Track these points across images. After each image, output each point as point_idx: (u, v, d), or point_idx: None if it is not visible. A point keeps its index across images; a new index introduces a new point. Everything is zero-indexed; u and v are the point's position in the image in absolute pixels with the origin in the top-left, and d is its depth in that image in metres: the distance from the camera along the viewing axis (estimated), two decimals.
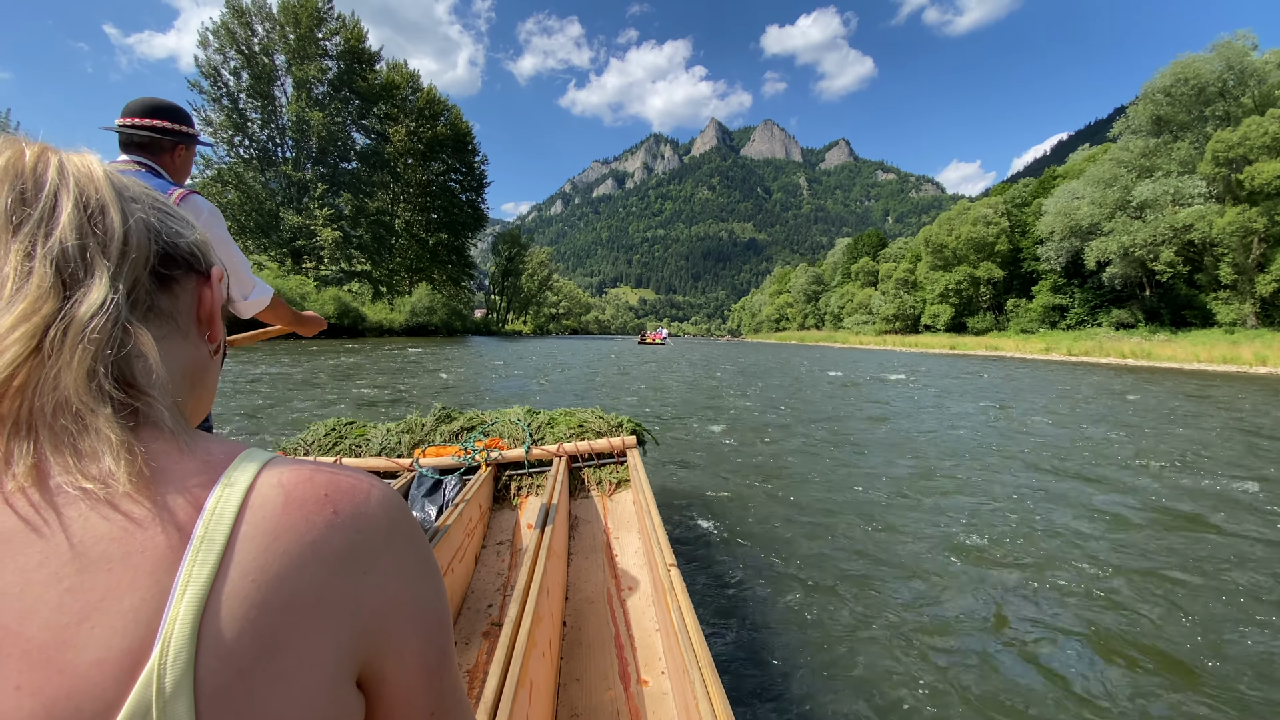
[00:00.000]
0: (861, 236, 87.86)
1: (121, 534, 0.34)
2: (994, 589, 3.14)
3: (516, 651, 1.28)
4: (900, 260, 72.46)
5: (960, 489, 5.08)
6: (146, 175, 1.54)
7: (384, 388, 12.07)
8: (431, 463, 3.06)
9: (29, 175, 0.38)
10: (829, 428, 8.32)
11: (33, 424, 0.35)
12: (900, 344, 54.84)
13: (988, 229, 55.57)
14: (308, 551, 0.37)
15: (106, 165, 0.43)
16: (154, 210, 0.45)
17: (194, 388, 0.49)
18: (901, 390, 13.93)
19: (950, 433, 7.99)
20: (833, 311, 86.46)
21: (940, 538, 3.86)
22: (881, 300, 70.05)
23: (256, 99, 48.54)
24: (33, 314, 0.35)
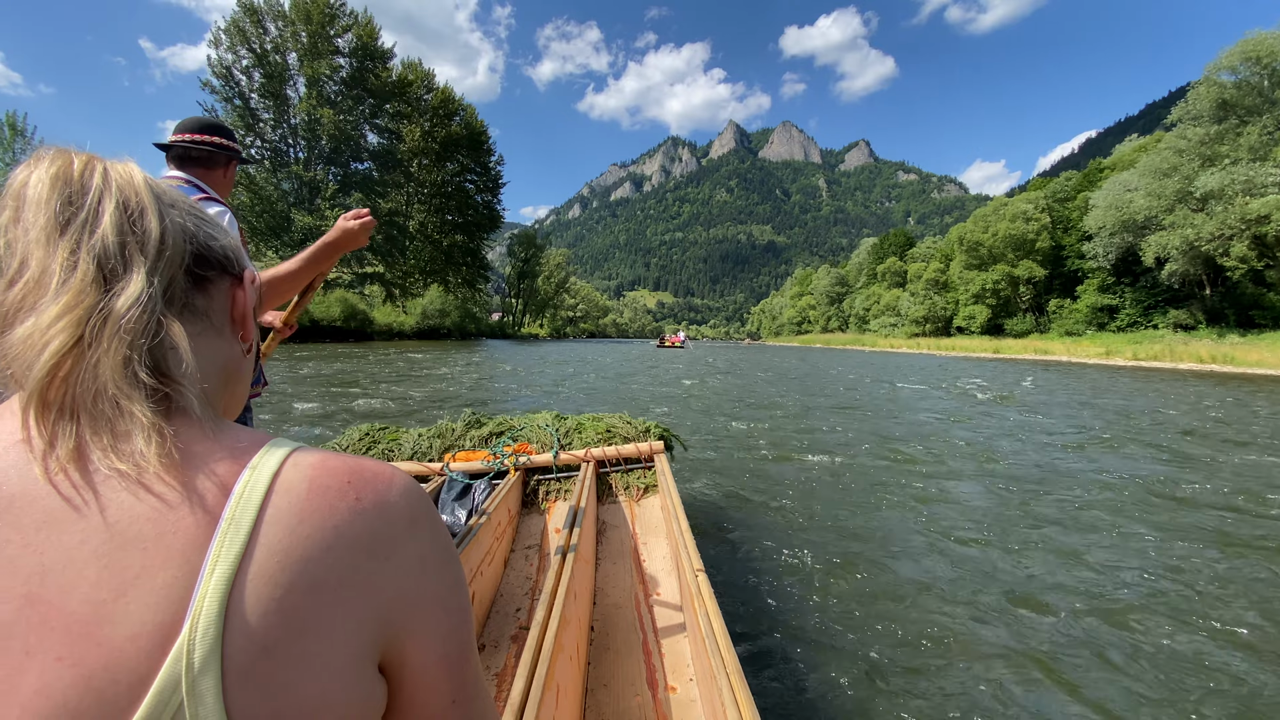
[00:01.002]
0: (887, 236, 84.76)
1: (154, 514, 0.36)
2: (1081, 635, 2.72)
3: (543, 654, 1.28)
4: (930, 260, 69.37)
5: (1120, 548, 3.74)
6: (190, 190, 1.62)
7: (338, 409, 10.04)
8: (461, 467, 3.12)
9: (76, 181, 0.41)
10: (891, 442, 7.35)
11: (75, 409, 0.37)
12: (935, 347, 51.87)
13: (1027, 225, 52.53)
14: (331, 536, 0.38)
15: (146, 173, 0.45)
16: (189, 215, 0.47)
17: (228, 383, 0.51)
18: (979, 405, 11.58)
19: (1095, 471, 5.73)
20: (857, 313, 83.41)
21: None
22: (911, 302, 66.99)
23: (268, 98, 47.47)
24: (76, 305, 0.37)
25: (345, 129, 50.10)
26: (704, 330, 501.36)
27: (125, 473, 0.36)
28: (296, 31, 47.09)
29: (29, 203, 0.40)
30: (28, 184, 0.40)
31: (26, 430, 0.37)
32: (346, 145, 51.28)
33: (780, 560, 3.49)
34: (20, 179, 0.41)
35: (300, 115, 48.06)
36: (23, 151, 37.86)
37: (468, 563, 2.03)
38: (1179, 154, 37.19)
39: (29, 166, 0.41)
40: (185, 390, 0.41)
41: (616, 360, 28.44)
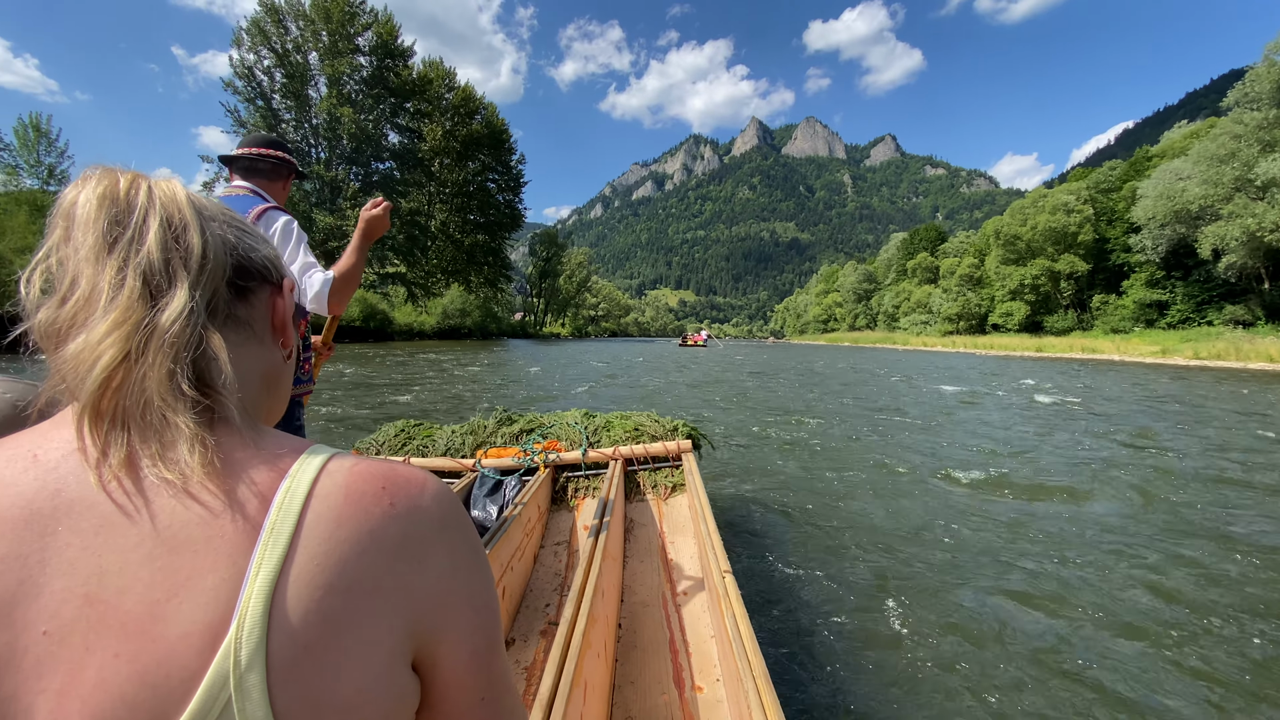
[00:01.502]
0: (918, 231, 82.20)
1: (201, 520, 0.38)
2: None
3: (571, 651, 1.31)
4: (963, 255, 66.94)
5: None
6: (253, 199, 1.77)
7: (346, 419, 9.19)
8: (493, 463, 3.18)
9: (122, 200, 0.43)
10: (944, 451, 6.79)
11: (125, 420, 0.39)
12: (972, 345, 49.72)
13: (1069, 218, 50.14)
14: (366, 539, 0.40)
15: (189, 188, 0.47)
16: (231, 227, 0.49)
17: (270, 390, 0.53)
18: (1044, 411, 10.27)
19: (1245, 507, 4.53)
20: (886, 311, 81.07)
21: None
22: (943, 298, 64.70)
23: (290, 98, 47.52)
24: (124, 321, 0.40)
25: (366, 128, 49.97)
26: (726, 329, 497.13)
27: (172, 481, 0.38)
28: (317, 30, 47.02)
29: (78, 222, 0.41)
30: (76, 203, 0.42)
31: (81, 440, 0.39)
32: (368, 145, 51.16)
33: (814, 569, 3.36)
34: (69, 198, 0.42)
35: (321, 115, 48.00)
36: (46, 153, 38.48)
37: (498, 558, 2.05)
38: (1236, 139, 34.84)
39: (78, 186, 0.43)
40: (226, 401, 0.42)
41: (638, 360, 27.44)
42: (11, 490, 0.38)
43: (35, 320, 0.41)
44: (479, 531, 3.03)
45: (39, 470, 0.39)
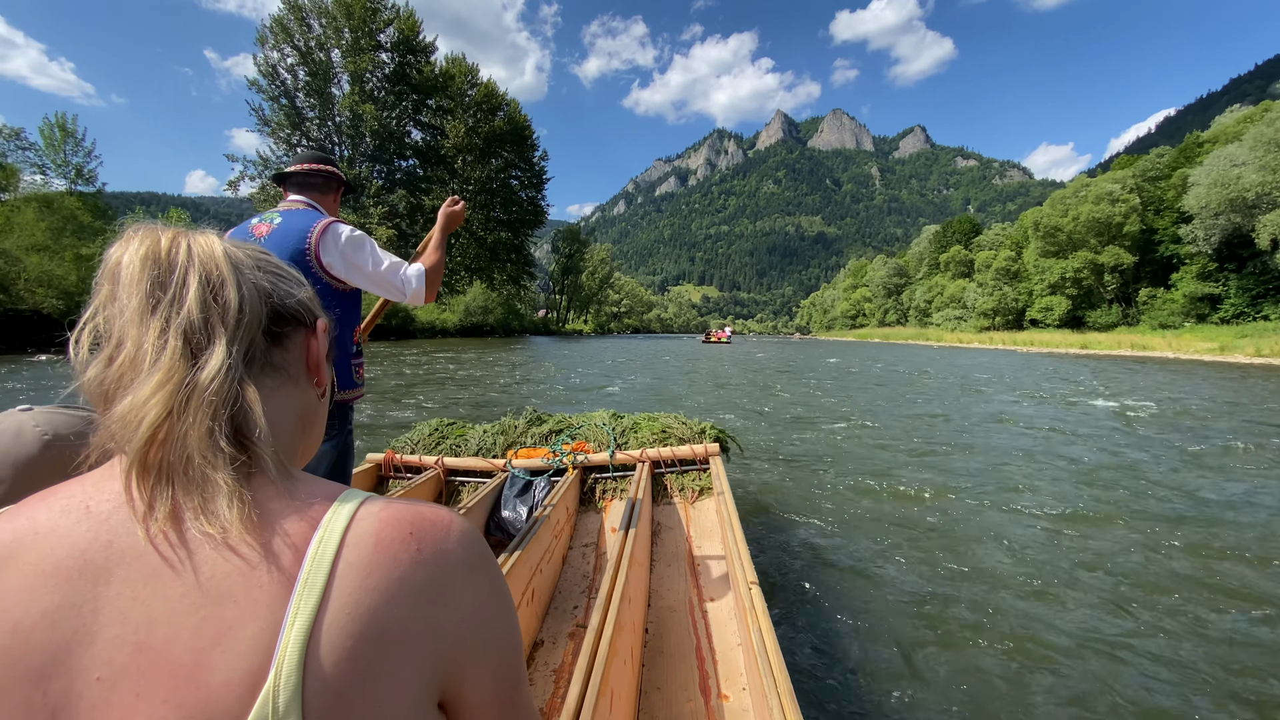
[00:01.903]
0: (951, 223, 79.60)
1: (240, 572, 0.40)
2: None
3: (598, 661, 1.32)
4: (999, 248, 64.54)
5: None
6: (301, 214, 1.85)
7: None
8: (523, 464, 3.23)
9: (164, 260, 0.45)
10: (1000, 461, 6.19)
11: (170, 474, 0.41)
12: (1010, 342, 47.70)
13: (1113, 207, 47.73)
14: (395, 586, 0.41)
15: (227, 240, 0.50)
16: (267, 274, 0.52)
17: (305, 430, 0.56)
18: (1110, 420, 9.19)
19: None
20: (918, 306, 78.76)
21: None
22: (978, 293, 62.44)
23: (313, 96, 47.62)
24: (167, 381, 0.42)
25: (388, 125, 49.91)
26: (750, 325, 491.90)
27: (213, 535, 0.40)
28: (339, 27, 47.00)
29: (123, 284, 0.44)
30: (120, 265, 0.45)
31: (129, 493, 0.42)
32: (390, 142, 51.12)
33: (845, 584, 3.26)
34: (114, 259, 0.45)
35: (344, 113, 48.05)
36: (74, 153, 39.09)
37: (527, 561, 2.04)
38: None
39: (122, 246, 0.45)
40: (261, 452, 0.45)
41: (662, 358, 26.63)
42: (66, 541, 0.40)
43: (85, 379, 0.44)
44: (509, 532, 2.82)
45: (91, 522, 0.41)
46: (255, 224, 1.84)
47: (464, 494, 3.37)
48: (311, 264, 1.78)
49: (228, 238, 1.96)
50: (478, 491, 2.98)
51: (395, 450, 3.54)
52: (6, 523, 0.42)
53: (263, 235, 1.80)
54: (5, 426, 0.75)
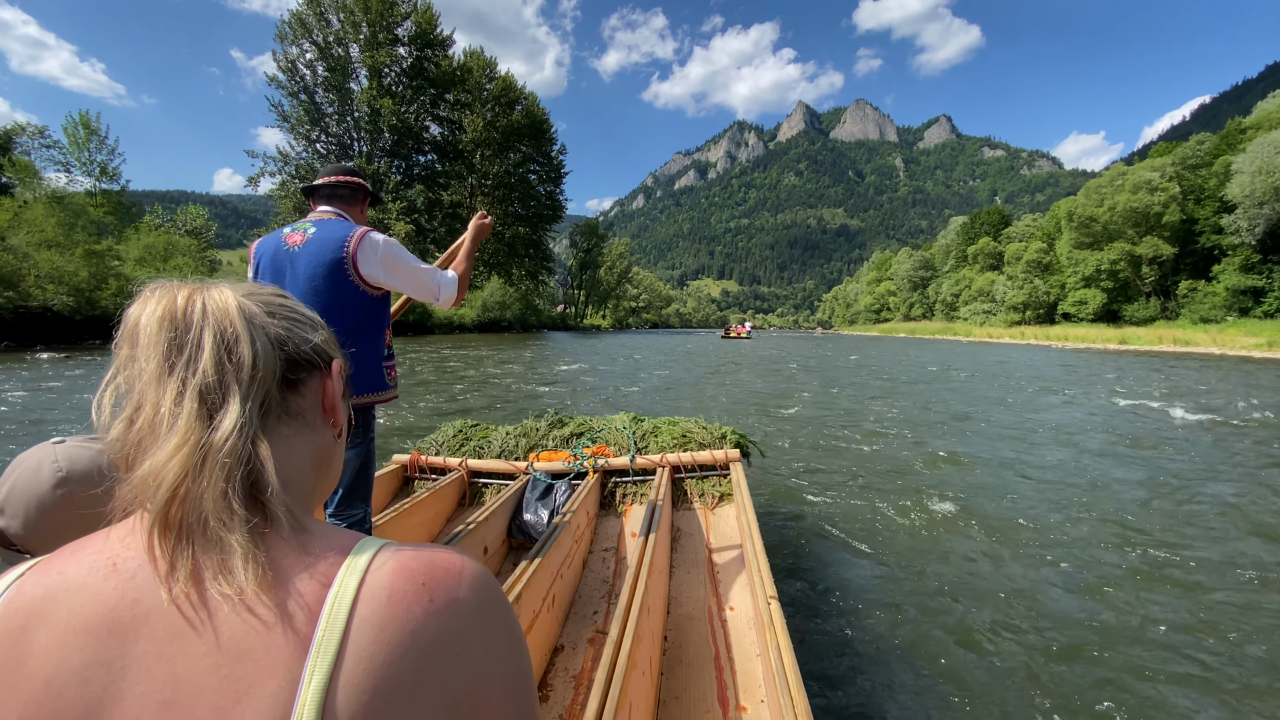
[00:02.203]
0: (979, 214, 77.25)
1: (258, 631, 0.41)
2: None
3: (617, 672, 1.33)
4: (1030, 239, 62.45)
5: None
6: (335, 224, 1.91)
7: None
8: (545, 467, 3.26)
9: (181, 320, 0.46)
10: (1049, 476, 5.36)
11: (189, 534, 0.43)
12: (1043, 337, 45.95)
13: (1152, 197, 45.73)
14: (408, 640, 0.42)
15: (241, 293, 0.51)
16: (282, 322, 0.52)
17: (322, 471, 0.57)
18: (1176, 429, 8.32)
19: None
20: (944, 300, 76.68)
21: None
22: (1008, 286, 60.50)
23: (332, 92, 47.69)
24: (184, 444, 0.43)
25: (407, 120, 49.80)
26: (771, 319, 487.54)
27: (230, 596, 0.41)
28: (357, 22, 46.92)
29: (141, 346, 0.46)
30: (139, 327, 0.46)
31: (152, 553, 0.43)
32: (409, 137, 51.04)
33: (868, 602, 3.10)
34: (133, 320, 0.47)
35: (362, 108, 48.02)
36: (97, 150, 39.44)
37: (548, 566, 2.07)
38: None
39: (141, 305, 0.47)
40: (274, 510, 0.45)
41: (681, 351, 25.97)
42: (95, 599, 0.42)
43: (109, 440, 0.46)
44: (531, 535, 2.84)
45: (119, 579, 0.43)
46: (288, 233, 1.90)
47: (487, 496, 3.39)
48: (349, 272, 1.84)
49: (258, 246, 1.95)
50: (500, 494, 3.01)
51: (421, 451, 3.63)
52: (38, 577, 0.44)
53: (297, 244, 1.86)
54: (29, 463, 0.78)
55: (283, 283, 1.85)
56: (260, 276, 1.90)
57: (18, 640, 0.41)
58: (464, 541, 2.42)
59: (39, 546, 0.78)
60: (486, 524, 2.67)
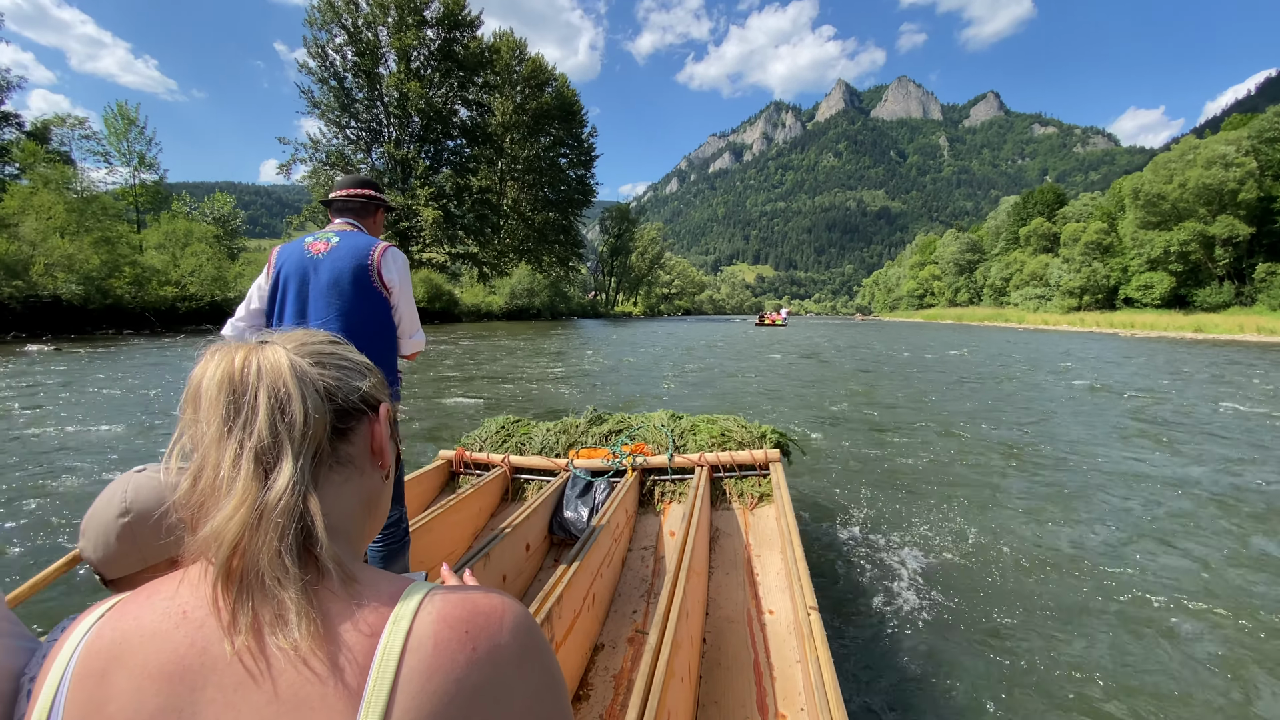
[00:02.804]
0: (1032, 194, 72.92)
1: (313, 683, 0.44)
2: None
3: (656, 680, 1.35)
4: (1088, 219, 58.52)
5: None
6: (357, 235, 2.01)
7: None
8: (584, 464, 3.30)
9: (239, 381, 0.50)
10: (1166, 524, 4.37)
11: (249, 589, 0.46)
12: (1107, 324, 42.84)
13: (1227, 172, 42.03)
14: (453, 689, 0.44)
15: (291, 349, 0.54)
16: (331, 370, 0.55)
17: (370, 512, 0.60)
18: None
19: None
20: (993, 284, 72.96)
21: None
22: (1064, 269, 56.92)
23: (361, 77, 47.27)
24: (241, 505, 0.47)
25: (434, 104, 49.19)
26: (807, 305, 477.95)
27: (287, 650, 0.44)
28: (385, 4, 46.28)
29: (203, 408, 0.50)
30: (201, 390, 0.50)
31: (215, 605, 0.46)
32: (437, 121, 50.43)
33: (914, 616, 2.95)
34: (195, 382, 0.51)
35: (390, 92, 47.54)
36: (137, 140, 39.85)
37: (588, 566, 2.09)
38: None
39: (204, 365, 0.52)
40: (325, 564, 0.48)
41: (715, 341, 24.67)
42: (168, 646, 0.45)
43: (177, 494, 0.50)
44: (571, 532, 2.91)
45: (189, 628, 0.46)
46: (311, 242, 1.96)
47: (529, 492, 3.46)
48: (373, 278, 1.93)
49: (279, 253, 2.04)
50: (542, 491, 3.04)
51: (465, 447, 3.70)
52: (116, 621, 0.48)
53: (320, 252, 1.93)
54: (109, 491, 0.87)
55: (306, 288, 1.93)
56: (284, 283, 1.95)
57: (100, 683, 0.45)
58: (507, 539, 2.42)
59: (109, 569, 0.87)
60: (528, 521, 2.69)
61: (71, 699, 0.46)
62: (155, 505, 0.85)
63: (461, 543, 2.96)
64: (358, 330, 1.93)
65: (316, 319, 1.91)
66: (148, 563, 0.88)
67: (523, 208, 63.48)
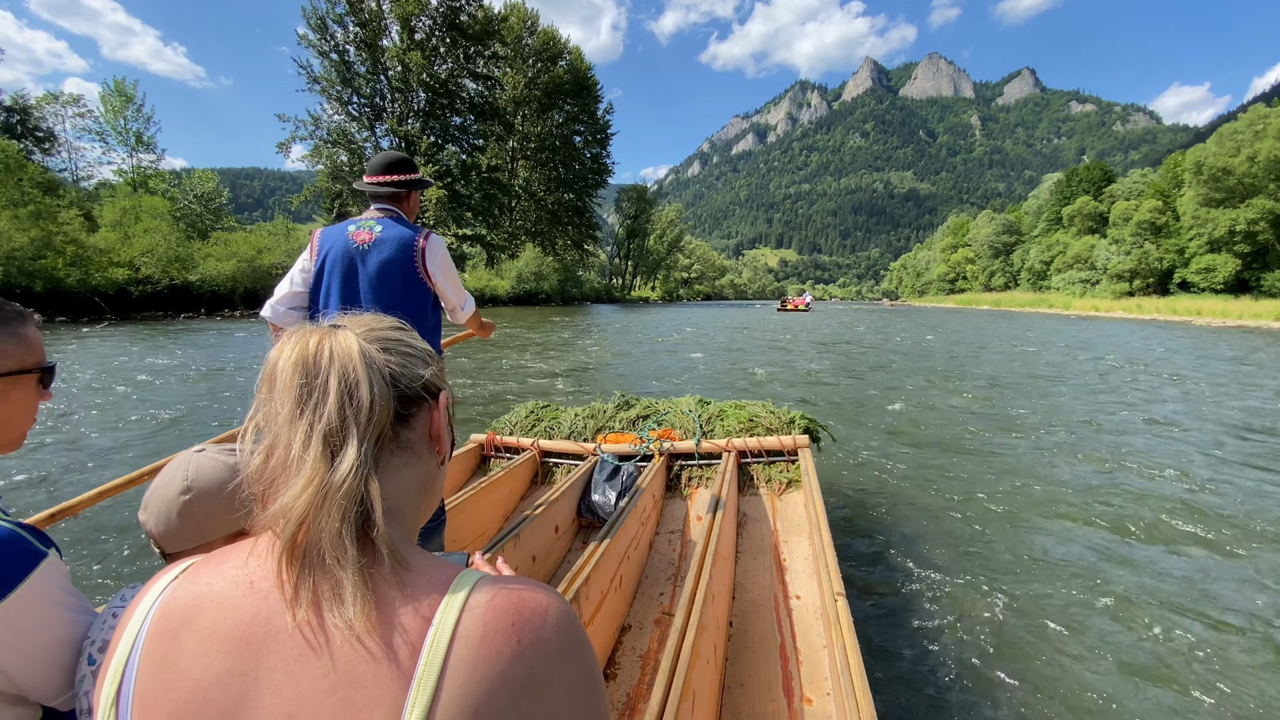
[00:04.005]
0: (1076, 170, 68.04)
1: (368, 661, 0.46)
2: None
3: (681, 662, 1.37)
4: (1141, 198, 54.08)
5: None
6: (394, 221, 2.05)
7: None
8: (612, 449, 3.34)
9: (312, 364, 0.52)
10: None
11: (311, 565, 0.48)
12: (1168, 311, 38.84)
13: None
14: (498, 680, 0.46)
15: (361, 334, 0.57)
16: (397, 358, 0.58)
17: (425, 496, 0.62)
18: None
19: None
20: (1032, 267, 68.57)
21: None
22: (1112, 251, 52.74)
23: (363, 49, 44.88)
24: (310, 482, 0.49)
25: (438, 76, 46.67)
26: (832, 289, 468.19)
27: (342, 628, 0.47)
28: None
29: (278, 387, 0.52)
30: (277, 368, 0.53)
31: (280, 577, 0.49)
32: (443, 96, 47.89)
33: (944, 610, 2.90)
34: (272, 361, 0.54)
35: (393, 64, 45.08)
36: (134, 119, 38.26)
37: (616, 549, 2.12)
38: None
39: (280, 347, 0.54)
40: (380, 549, 0.50)
41: (735, 330, 22.13)
42: (235, 613, 0.49)
43: (250, 469, 0.53)
44: (599, 515, 2.97)
45: (255, 597, 0.49)
46: (354, 230, 2.01)
47: (558, 475, 3.49)
48: (419, 270, 2.01)
49: (322, 236, 2.11)
50: (570, 475, 3.08)
51: (496, 431, 3.77)
52: (188, 585, 0.52)
53: (366, 242, 1.99)
54: (171, 468, 0.94)
55: (354, 277, 2.00)
56: (329, 269, 2.01)
57: (173, 642, 0.49)
58: (536, 520, 2.45)
59: (169, 544, 0.93)
60: (557, 504, 2.74)
61: (146, 654, 0.49)
62: (215, 485, 0.91)
63: (493, 523, 2.99)
64: (403, 319, 1.69)
65: (365, 307, 1.91)
66: (206, 539, 0.93)
67: (534, 188, 61.04)
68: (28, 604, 0.77)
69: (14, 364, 0.89)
